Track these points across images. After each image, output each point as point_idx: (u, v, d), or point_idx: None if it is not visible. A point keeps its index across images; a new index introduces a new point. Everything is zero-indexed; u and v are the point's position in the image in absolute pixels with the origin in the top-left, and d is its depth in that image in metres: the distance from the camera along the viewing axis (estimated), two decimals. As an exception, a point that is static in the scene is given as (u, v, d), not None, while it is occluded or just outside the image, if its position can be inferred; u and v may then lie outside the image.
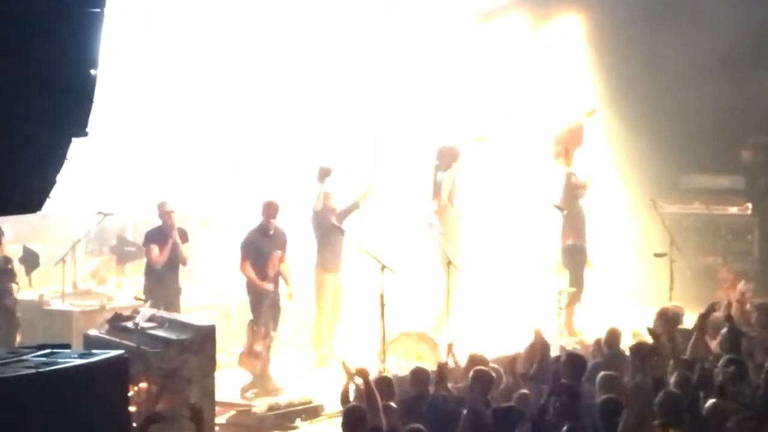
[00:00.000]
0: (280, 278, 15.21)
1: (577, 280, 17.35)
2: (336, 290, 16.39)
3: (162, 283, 15.21)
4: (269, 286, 14.92)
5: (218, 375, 12.87)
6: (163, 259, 15.34)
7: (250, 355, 14.81)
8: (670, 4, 19.86)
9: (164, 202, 15.63)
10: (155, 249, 15.37)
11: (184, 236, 15.57)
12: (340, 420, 10.38)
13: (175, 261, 15.48)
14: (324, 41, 18.79)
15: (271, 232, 15.18)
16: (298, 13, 18.60)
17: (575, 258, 17.34)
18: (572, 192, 17.37)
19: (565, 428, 9.18)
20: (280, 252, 15.15)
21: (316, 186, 16.13)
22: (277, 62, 18.65)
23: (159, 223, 15.61)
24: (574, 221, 17.36)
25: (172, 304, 14.78)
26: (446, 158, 16.99)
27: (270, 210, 15.17)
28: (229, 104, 18.67)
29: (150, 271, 15.48)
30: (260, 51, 18.53)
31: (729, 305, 14.45)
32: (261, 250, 15.12)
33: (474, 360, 11.91)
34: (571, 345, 15.51)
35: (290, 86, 18.69)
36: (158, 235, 15.49)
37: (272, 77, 18.65)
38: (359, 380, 10.66)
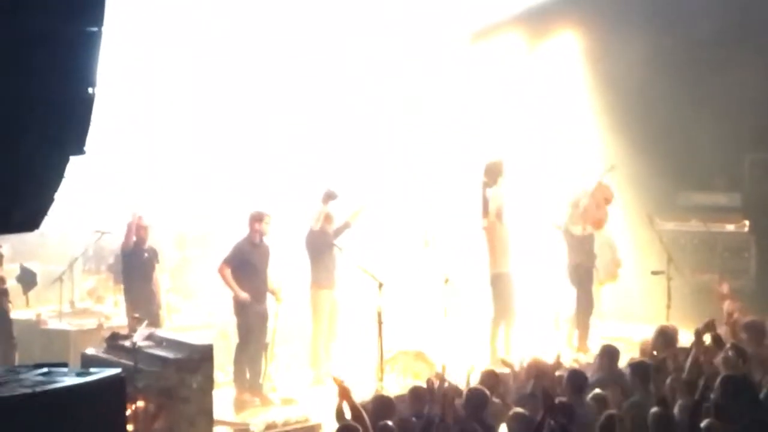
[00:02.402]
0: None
1: (585, 299, 17.34)
2: (332, 307, 16.33)
3: (141, 299, 15.18)
4: (244, 295, 14.89)
5: (216, 394, 12.85)
6: (129, 242, 15.33)
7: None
8: (668, 21, 19.88)
9: (139, 217, 15.58)
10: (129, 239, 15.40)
11: (156, 257, 15.58)
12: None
13: (150, 275, 15.47)
14: (321, 62, 18.83)
15: (257, 242, 15.14)
16: (295, 30, 18.63)
17: (582, 277, 17.31)
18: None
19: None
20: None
21: (319, 207, 16.09)
22: (275, 80, 18.69)
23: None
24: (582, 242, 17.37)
25: (155, 322, 14.68)
26: (493, 174, 16.78)
27: (256, 219, 15.11)
28: (229, 124, 18.68)
29: (129, 290, 15.46)
30: (260, 69, 18.57)
31: (727, 322, 14.50)
32: (249, 260, 15.07)
33: (485, 377, 11.97)
34: (569, 362, 15.50)
35: (288, 106, 18.72)
36: (135, 252, 15.51)
37: (270, 96, 18.68)
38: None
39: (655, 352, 13.58)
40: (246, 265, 15.04)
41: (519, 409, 10.65)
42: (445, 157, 19.42)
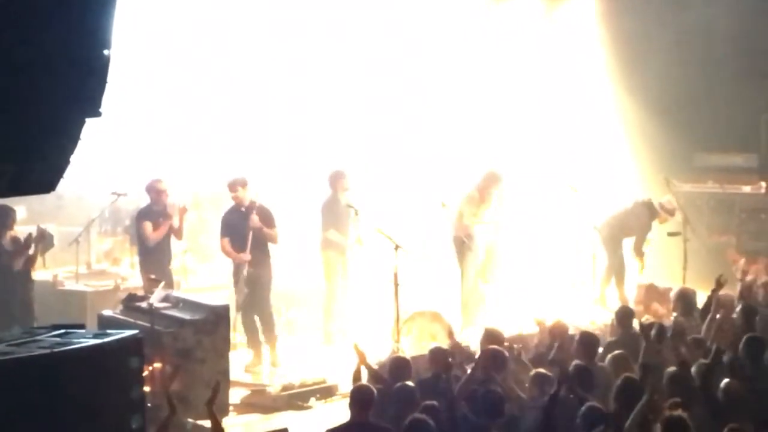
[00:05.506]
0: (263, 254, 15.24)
1: (616, 258, 17.53)
2: (342, 269, 16.47)
3: (155, 260, 15.17)
4: (246, 257, 14.94)
5: (232, 355, 12.89)
6: (157, 236, 15.27)
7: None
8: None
9: (158, 180, 15.56)
10: (149, 225, 15.27)
11: (182, 211, 15.52)
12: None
13: (167, 239, 15.46)
14: (336, 25, 18.77)
15: (243, 209, 15.13)
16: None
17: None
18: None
19: (582, 409, 9.14)
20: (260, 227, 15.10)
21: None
22: (290, 43, 18.65)
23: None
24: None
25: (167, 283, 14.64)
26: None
27: (229, 187, 15.21)
28: (243, 87, 18.63)
29: (143, 251, 15.46)
30: (271, 37, 18.52)
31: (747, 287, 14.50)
32: (234, 227, 15.14)
33: (489, 336, 11.93)
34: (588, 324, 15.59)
35: (304, 69, 18.68)
36: (151, 214, 15.43)
37: (284, 62, 18.65)
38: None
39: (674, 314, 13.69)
40: (230, 230, 15.21)
41: (542, 370, 10.65)
42: (462, 120, 19.37)
